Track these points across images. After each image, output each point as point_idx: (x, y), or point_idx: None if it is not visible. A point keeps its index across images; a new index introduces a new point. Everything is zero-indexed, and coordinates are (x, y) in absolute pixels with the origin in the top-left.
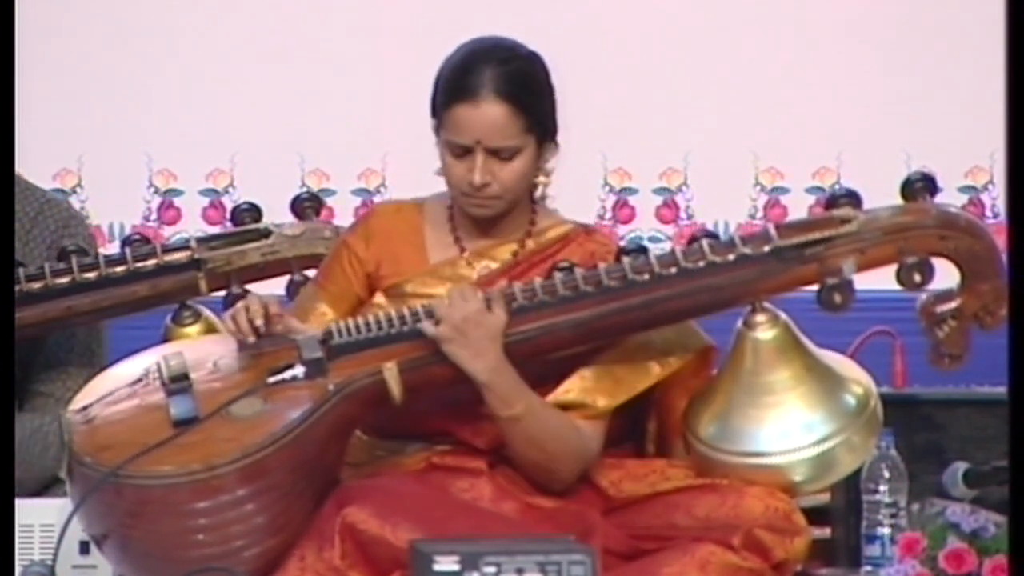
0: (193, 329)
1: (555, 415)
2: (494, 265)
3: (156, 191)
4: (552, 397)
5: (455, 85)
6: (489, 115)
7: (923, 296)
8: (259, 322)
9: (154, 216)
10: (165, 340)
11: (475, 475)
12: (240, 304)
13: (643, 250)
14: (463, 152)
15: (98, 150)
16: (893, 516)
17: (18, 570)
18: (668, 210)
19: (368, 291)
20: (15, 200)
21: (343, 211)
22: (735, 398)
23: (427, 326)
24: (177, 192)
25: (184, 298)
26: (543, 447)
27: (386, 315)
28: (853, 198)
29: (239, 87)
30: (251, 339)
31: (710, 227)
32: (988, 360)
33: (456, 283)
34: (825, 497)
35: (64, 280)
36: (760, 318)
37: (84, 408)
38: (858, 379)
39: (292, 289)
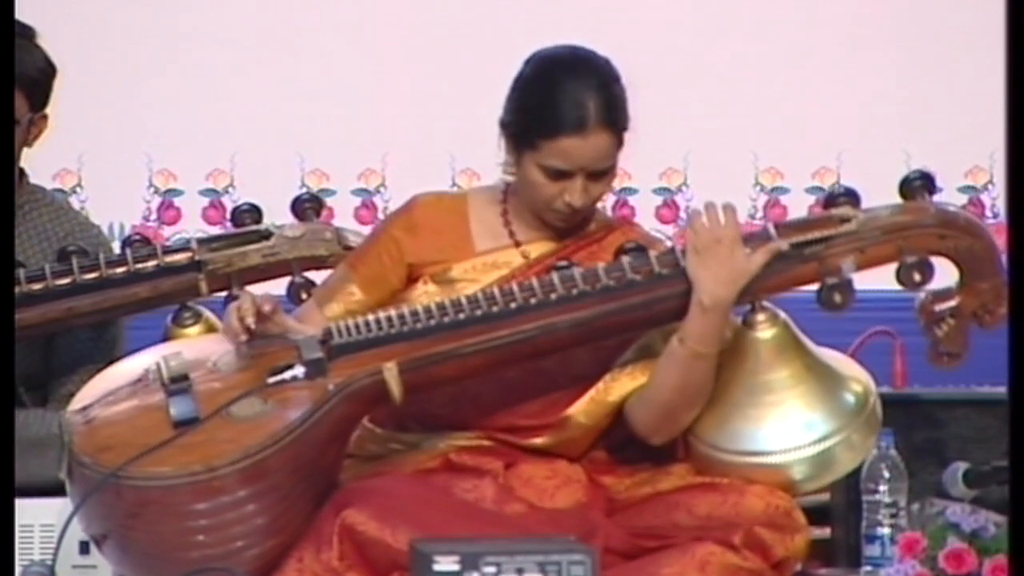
0: (193, 330)
1: (713, 373)
2: (545, 250)
3: (156, 191)
4: (609, 398)
5: (561, 118)
6: (597, 145)
7: (922, 295)
8: (250, 320)
9: (154, 216)
10: (165, 341)
11: (480, 476)
12: (232, 304)
13: (643, 249)
14: (560, 175)
15: (98, 150)
16: (893, 516)
17: (18, 570)
18: (668, 210)
19: (404, 281)
20: (45, 217)
21: (343, 211)
22: (735, 397)
23: (698, 220)
24: (177, 192)
25: (185, 299)
26: (692, 394)
27: (386, 315)
28: (852, 197)
29: (239, 87)
30: (243, 338)
31: None
32: (988, 360)
33: (504, 270)
34: (825, 497)
35: (65, 281)
36: (759, 317)
37: (84, 408)
38: (857, 377)
39: (293, 291)
